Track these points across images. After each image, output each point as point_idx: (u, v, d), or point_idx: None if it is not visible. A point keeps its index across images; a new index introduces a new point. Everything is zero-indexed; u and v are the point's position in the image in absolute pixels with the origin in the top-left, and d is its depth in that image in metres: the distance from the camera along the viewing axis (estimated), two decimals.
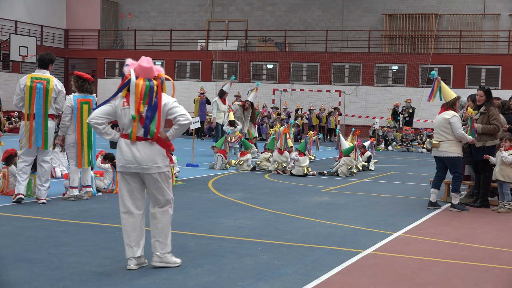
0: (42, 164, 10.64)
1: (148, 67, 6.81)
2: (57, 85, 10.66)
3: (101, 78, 42.16)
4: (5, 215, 9.44)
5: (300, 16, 40.91)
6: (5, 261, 6.80)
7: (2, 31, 38.51)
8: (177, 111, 6.76)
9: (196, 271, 6.71)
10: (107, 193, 11.97)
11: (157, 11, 44.00)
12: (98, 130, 6.84)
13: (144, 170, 6.72)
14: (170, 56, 41.04)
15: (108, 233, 8.46)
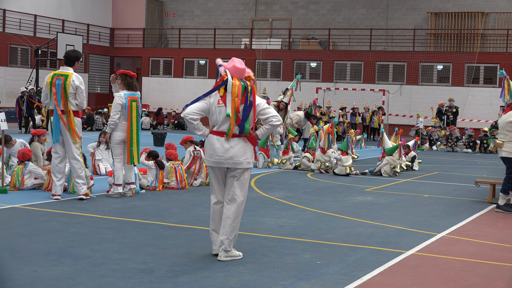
0: (71, 161, 10.75)
1: (242, 68, 7.27)
2: (75, 81, 10.66)
3: (146, 77, 42.51)
4: (50, 211, 9.58)
5: (344, 15, 40.69)
6: (50, 257, 6.89)
7: (50, 30, 39.09)
8: (269, 112, 7.18)
9: (238, 269, 6.72)
10: (150, 190, 12.06)
11: (202, 9, 44.18)
12: (192, 126, 7.16)
13: (235, 165, 7.09)
14: (214, 55, 41.16)
15: (151, 230, 8.52)
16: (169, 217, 9.48)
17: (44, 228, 8.41)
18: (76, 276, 6.24)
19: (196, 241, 7.93)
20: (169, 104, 40.54)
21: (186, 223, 9.12)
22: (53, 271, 6.37)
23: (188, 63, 42.17)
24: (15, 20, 37.50)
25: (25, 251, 7.11)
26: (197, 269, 6.65)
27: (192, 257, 7.13)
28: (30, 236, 7.87)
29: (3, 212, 9.44)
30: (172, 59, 42.38)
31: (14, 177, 11.54)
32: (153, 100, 41.22)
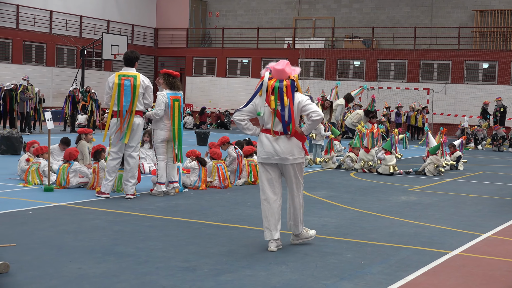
0: (129, 159, 10.87)
1: (280, 69, 7.49)
2: (144, 81, 10.86)
3: (189, 76, 42.77)
4: (95, 209, 9.70)
5: (388, 13, 40.40)
6: (95, 254, 6.98)
7: (95, 31, 39.57)
8: (310, 108, 7.40)
9: (280, 268, 6.72)
10: (193, 189, 12.13)
11: (245, 9, 44.28)
12: (241, 126, 7.66)
13: (283, 161, 7.47)
14: (257, 54, 41.23)
15: (193, 228, 8.56)
16: (212, 216, 9.52)
17: (89, 226, 8.52)
18: (120, 274, 6.30)
19: (238, 240, 7.95)
20: (212, 103, 40.72)
21: (229, 222, 9.15)
22: (97, 269, 6.44)
23: (231, 63, 42.30)
24: (61, 21, 38.06)
25: (70, 248, 7.21)
26: (239, 268, 6.66)
27: (235, 255, 7.15)
28: (75, 234, 7.98)
29: (49, 210, 9.59)
30: (215, 59, 42.55)
31: (59, 176, 11.71)
32: (196, 100, 41.44)
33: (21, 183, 12.03)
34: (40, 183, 11.88)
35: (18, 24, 35.80)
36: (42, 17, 37.18)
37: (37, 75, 35.06)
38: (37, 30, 36.81)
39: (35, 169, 11.96)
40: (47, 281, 5.98)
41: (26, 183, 11.90)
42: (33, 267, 6.40)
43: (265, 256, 7.16)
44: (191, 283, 6.07)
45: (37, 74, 35.22)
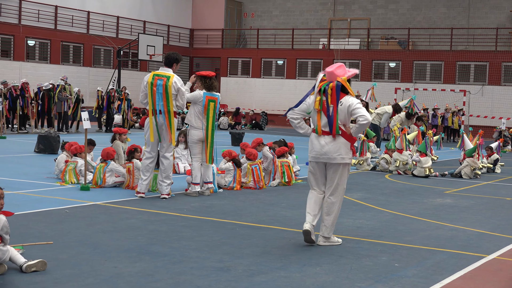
0: (162, 160, 10.93)
1: (329, 71, 7.75)
2: (177, 83, 10.84)
3: (224, 77, 42.89)
4: (130, 209, 9.77)
5: (424, 14, 40.09)
6: (130, 253, 7.03)
7: (132, 31, 39.89)
8: (358, 112, 7.62)
9: (315, 270, 6.70)
10: (227, 190, 12.15)
11: (280, 10, 44.27)
12: (294, 124, 7.99)
13: (330, 160, 7.71)
14: (292, 55, 41.21)
15: (228, 229, 8.58)
16: (246, 217, 9.54)
17: (125, 225, 8.58)
18: (155, 273, 6.34)
19: (273, 241, 7.95)
20: (247, 104, 40.78)
21: (263, 222, 9.15)
22: (132, 268, 6.49)
23: (266, 63, 42.32)
24: (98, 21, 38.43)
25: (106, 247, 7.27)
26: (274, 269, 6.66)
27: (269, 256, 7.15)
28: (111, 233, 8.04)
29: (86, 209, 9.68)
30: (250, 59, 42.62)
31: (96, 175, 11.83)
32: (231, 100, 41.54)
33: (58, 182, 12.17)
34: (77, 182, 12.00)
35: (56, 24, 36.23)
36: (80, 18, 37.58)
37: (74, 75, 35.44)
38: (74, 31, 37.22)
39: (72, 168, 12.09)
40: (83, 279, 6.04)
41: (63, 182, 12.03)
42: (69, 265, 6.47)
43: (300, 258, 7.15)
44: (226, 284, 6.08)
45: (74, 74, 35.60)
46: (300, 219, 9.51)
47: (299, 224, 9.07)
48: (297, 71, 41.19)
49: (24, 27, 34.61)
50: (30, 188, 11.33)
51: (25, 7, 34.69)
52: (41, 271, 6.17)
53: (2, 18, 33.70)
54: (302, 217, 9.62)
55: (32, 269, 6.14)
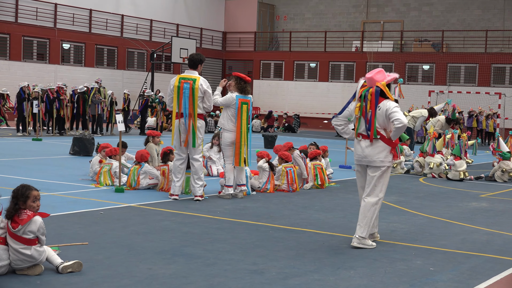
0: (193, 162, 10.96)
1: (369, 77, 8.01)
2: (203, 85, 10.87)
3: (257, 79, 42.93)
4: (164, 211, 9.82)
5: (458, 16, 39.75)
6: (164, 255, 7.07)
7: (165, 34, 40.14)
8: (394, 115, 7.77)
9: (349, 273, 6.67)
10: (261, 192, 12.16)
11: (312, 12, 44.22)
12: (338, 130, 8.35)
13: (370, 163, 7.93)
14: (324, 57, 41.12)
15: (261, 232, 8.58)
16: (280, 219, 9.53)
17: (159, 227, 8.63)
18: (189, 275, 6.36)
19: (306, 244, 7.94)
20: (279, 107, 40.78)
21: (297, 225, 9.14)
22: (166, 269, 6.52)
23: (299, 66, 42.29)
24: (132, 25, 38.74)
25: (141, 249, 7.31)
26: (307, 272, 6.64)
27: (303, 259, 7.13)
28: (145, 235, 8.09)
29: (120, 211, 9.75)
30: (283, 62, 42.61)
31: (130, 177, 11.91)
32: (263, 103, 41.57)
33: (93, 183, 12.28)
34: (111, 184, 12.10)
35: (91, 28, 36.58)
36: (114, 21, 37.91)
37: (108, 78, 35.76)
38: (108, 34, 37.55)
39: (107, 170, 12.20)
40: (118, 280, 6.08)
41: (98, 184, 12.14)
42: (104, 266, 6.52)
43: (333, 261, 7.13)
44: (259, 286, 6.08)
45: (108, 77, 35.93)
46: (334, 222, 9.50)
47: (332, 227, 9.06)
48: (329, 73, 41.08)
49: (60, 31, 35.01)
50: (66, 190, 11.45)
51: (60, 11, 35.09)
52: (77, 272, 6.23)
53: (38, 22, 34.14)
54: (335, 220, 9.62)
55: (68, 270, 6.20)
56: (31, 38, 34.06)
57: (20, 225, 6.15)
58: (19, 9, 33.35)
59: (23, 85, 24.56)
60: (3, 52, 33.00)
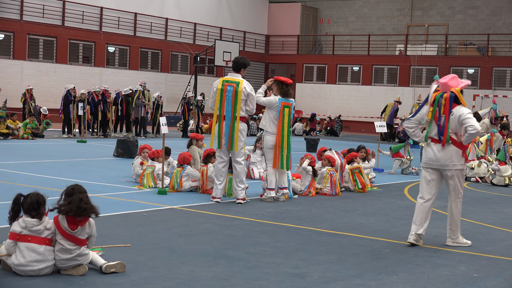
0: (235, 165, 11.00)
1: (443, 82, 8.16)
2: (246, 88, 10.91)
3: (299, 83, 42.88)
4: (206, 213, 9.87)
5: (504, 19, 39.17)
6: (206, 257, 7.10)
7: (208, 38, 40.34)
8: (468, 122, 7.95)
9: (391, 278, 6.63)
10: (303, 195, 12.14)
11: (356, 16, 44.02)
12: (409, 133, 8.55)
13: (442, 167, 8.17)
14: (368, 61, 40.90)
15: (303, 235, 8.57)
16: (322, 223, 9.51)
17: (201, 229, 8.68)
18: (231, 278, 6.39)
19: (348, 248, 7.90)
20: (322, 110, 40.67)
21: (339, 229, 9.10)
22: (208, 272, 6.55)
23: (342, 69, 42.13)
24: (176, 28, 39.02)
25: (183, 251, 7.36)
26: (349, 277, 6.62)
27: (345, 264, 7.11)
28: (187, 237, 8.14)
29: (163, 213, 9.83)
30: (326, 66, 42.50)
31: (173, 179, 12.00)
32: (306, 106, 41.51)
33: (136, 185, 12.39)
34: (154, 186, 12.20)
35: (136, 31, 36.95)
36: (158, 25, 38.24)
37: (152, 81, 36.07)
38: (153, 37, 37.89)
39: (150, 172, 12.30)
40: (160, 282, 6.13)
41: (141, 186, 12.25)
42: (147, 267, 6.58)
43: (376, 266, 7.08)
44: None
45: (152, 80, 36.24)
46: (376, 226, 9.44)
47: (375, 232, 9.00)
48: (373, 77, 40.84)
49: (105, 34, 35.44)
50: (109, 191, 11.58)
51: (106, 14, 35.53)
52: (120, 273, 6.30)
53: (84, 25, 34.60)
54: (378, 225, 9.56)
55: (111, 270, 6.28)
56: (77, 41, 34.54)
57: (79, 226, 6.29)
58: (66, 12, 33.85)
59: (69, 87, 24.91)
60: (50, 55, 33.52)
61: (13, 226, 6.25)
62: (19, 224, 6.21)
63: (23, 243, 6.17)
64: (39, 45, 33.19)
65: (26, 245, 6.15)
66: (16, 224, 6.23)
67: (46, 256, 6.18)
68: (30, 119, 23.65)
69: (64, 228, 6.26)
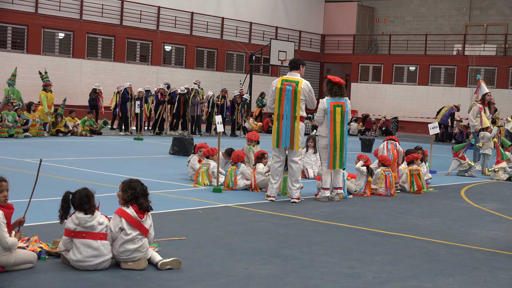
0: (291, 164, 11.00)
1: None
2: (305, 88, 10.92)
3: (355, 83, 42.64)
4: (261, 212, 9.91)
5: None
6: (261, 256, 7.13)
7: (264, 37, 40.42)
8: None
9: (447, 280, 6.55)
10: (358, 196, 12.08)
11: (413, 15, 43.55)
12: None
13: None
14: (425, 61, 40.41)
15: (358, 235, 8.54)
16: (377, 224, 9.45)
17: (255, 227, 8.71)
18: (285, 276, 6.40)
19: (404, 249, 7.84)
20: (377, 110, 40.36)
21: (394, 230, 9.04)
22: (263, 270, 6.58)
23: (398, 69, 41.72)
24: (232, 27, 39.20)
25: (238, 249, 7.41)
26: (404, 278, 6.56)
27: (400, 265, 7.05)
28: (242, 235, 8.19)
29: (218, 210, 9.90)
30: (382, 65, 42.15)
31: (227, 178, 12.07)
32: (361, 106, 41.23)
33: (192, 183, 12.50)
34: (209, 184, 12.29)
35: (192, 30, 37.25)
36: (214, 24, 38.47)
37: (208, 80, 36.32)
38: (209, 36, 38.13)
39: (205, 170, 12.40)
40: (215, 279, 6.18)
41: (196, 184, 12.35)
42: (202, 264, 6.64)
43: (432, 267, 7.01)
44: None
45: (207, 79, 36.49)
46: (432, 228, 9.34)
47: (430, 233, 8.91)
48: (429, 77, 40.33)
49: (162, 33, 35.80)
50: (165, 189, 11.71)
51: (163, 14, 35.89)
52: (176, 269, 6.37)
53: (141, 25, 35.03)
54: (433, 226, 9.45)
55: (167, 267, 6.36)
56: (134, 40, 34.97)
57: (145, 214, 6.54)
58: (124, 12, 34.31)
59: (126, 86, 25.27)
60: (108, 54, 34.03)
61: (67, 223, 6.35)
62: (73, 221, 6.32)
63: (78, 239, 6.29)
64: (98, 44, 33.72)
65: (82, 241, 6.27)
66: (70, 221, 6.34)
67: (102, 250, 6.28)
68: (88, 117, 24.08)
69: (134, 216, 6.40)
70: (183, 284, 5.97)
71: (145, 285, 5.92)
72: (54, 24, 31.64)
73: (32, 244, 6.63)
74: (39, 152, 16.85)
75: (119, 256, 6.39)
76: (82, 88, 32.13)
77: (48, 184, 11.35)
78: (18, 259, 6.12)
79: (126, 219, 6.40)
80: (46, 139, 20.94)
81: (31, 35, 30.80)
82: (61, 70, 31.39)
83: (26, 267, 6.18)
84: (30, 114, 21.73)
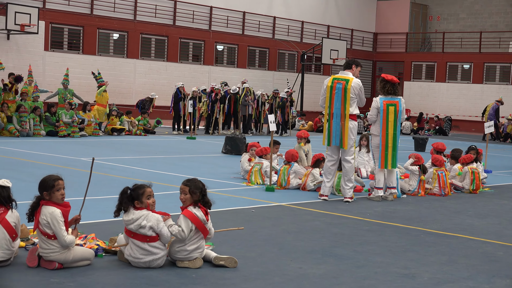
0: (344, 163, 10.96)
1: None
2: (356, 86, 10.86)
3: (407, 81, 42.25)
4: (314, 211, 9.90)
5: None
6: (314, 255, 7.13)
7: (315, 36, 40.34)
8: None
9: (505, 282, 6.45)
10: (411, 195, 11.97)
11: (467, 12, 42.94)
12: None
13: None
14: (479, 58, 39.84)
15: (412, 235, 8.47)
16: (431, 224, 9.36)
17: (309, 226, 8.71)
18: (339, 276, 6.39)
19: (459, 250, 7.75)
20: (430, 109, 39.91)
21: (449, 230, 8.94)
22: (317, 269, 6.58)
23: (452, 68, 41.20)
24: (283, 26, 39.23)
25: (291, 248, 7.42)
26: (461, 279, 6.49)
27: (456, 265, 6.97)
28: (295, 234, 8.20)
29: (271, 209, 9.93)
30: (435, 64, 41.67)
31: (280, 177, 12.09)
32: (414, 105, 40.84)
33: (244, 182, 12.56)
34: (262, 183, 12.33)
35: (244, 30, 37.40)
36: (266, 23, 38.54)
37: (259, 79, 36.43)
38: (260, 36, 38.22)
39: (258, 169, 12.44)
40: (270, 278, 6.21)
41: (249, 182, 12.40)
42: (257, 263, 6.67)
43: (488, 268, 6.91)
44: None
45: (259, 78, 36.61)
46: (488, 228, 9.21)
47: (486, 234, 8.78)
48: (484, 75, 39.73)
49: (214, 33, 36.05)
50: (218, 187, 11.77)
51: (215, 14, 36.13)
52: (231, 268, 6.41)
53: (194, 25, 35.32)
54: (489, 227, 9.32)
55: (221, 262, 6.40)
56: (187, 40, 35.29)
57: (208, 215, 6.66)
58: (177, 12, 34.64)
59: (179, 85, 25.51)
60: (161, 54, 34.40)
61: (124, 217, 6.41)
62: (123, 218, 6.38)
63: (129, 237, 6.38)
64: (151, 44, 34.12)
65: (132, 240, 6.36)
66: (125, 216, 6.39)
67: (151, 250, 6.29)
68: (143, 116, 24.38)
69: (202, 220, 6.46)
70: (237, 282, 6.01)
71: (199, 283, 5.98)
72: (108, 25, 32.14)
73: (89, 242, 6.76)
74: (94, 151, 17.13)
75: (175, 255, 6.45)
76: (136, 87, 32.56)
77: (104, 182, 11.53)
78: (76, 256, 6.24)
79: (195, 222, 6.46)
80: (101, 138, 21.29)
81: (86, 36, 31.33)
82: (115, 70, 31.86)
83: (84, 264, 6.29)
84: (85, 114, 22.13)
